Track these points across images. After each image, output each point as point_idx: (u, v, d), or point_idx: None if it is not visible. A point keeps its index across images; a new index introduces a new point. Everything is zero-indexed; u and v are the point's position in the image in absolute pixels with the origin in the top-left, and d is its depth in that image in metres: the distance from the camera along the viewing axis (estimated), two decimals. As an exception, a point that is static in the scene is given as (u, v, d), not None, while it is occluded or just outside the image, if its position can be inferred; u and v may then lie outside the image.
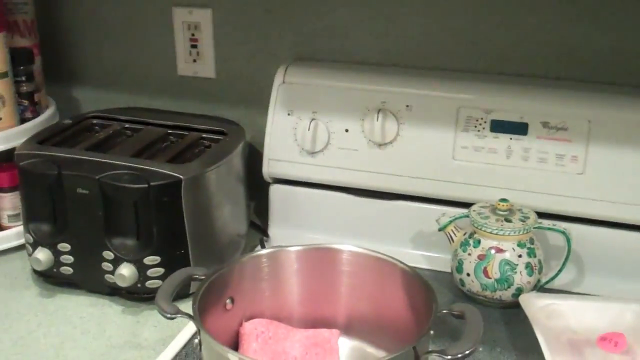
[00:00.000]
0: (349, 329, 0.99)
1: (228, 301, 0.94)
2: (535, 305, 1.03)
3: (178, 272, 0.93)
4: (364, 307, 0.98)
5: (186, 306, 0.86)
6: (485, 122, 1.15)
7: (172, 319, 0.85)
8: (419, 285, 0.91)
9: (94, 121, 1.30)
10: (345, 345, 0.98)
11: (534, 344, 0.98)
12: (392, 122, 1.18)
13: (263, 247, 1.23)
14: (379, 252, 0.96)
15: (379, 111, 1.18)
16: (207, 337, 0.81)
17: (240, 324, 0.96)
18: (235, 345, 0.95)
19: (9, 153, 1.22)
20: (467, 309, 0.85)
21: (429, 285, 0.89)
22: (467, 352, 0.79)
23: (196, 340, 0.85)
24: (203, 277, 0.91)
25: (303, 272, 0.99)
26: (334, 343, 0.96)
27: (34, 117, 1.31)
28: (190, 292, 1.10)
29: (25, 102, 1.31)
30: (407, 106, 1.18)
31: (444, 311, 0.86)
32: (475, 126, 1.15)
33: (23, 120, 1.30)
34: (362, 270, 0.97)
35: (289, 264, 0.99)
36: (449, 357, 0.78)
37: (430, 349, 0.81)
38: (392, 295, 0.95)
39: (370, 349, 0.97)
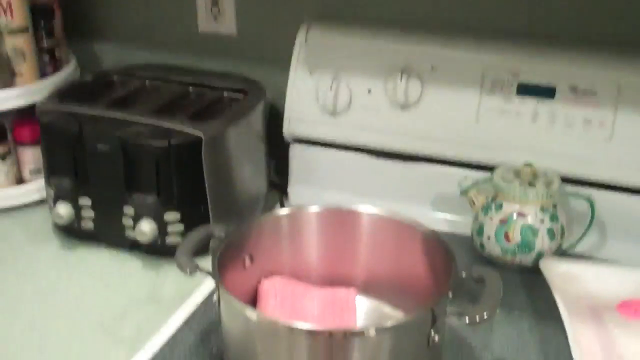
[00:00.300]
0: (367, 289, 0.99)
1: (247, 259, 0.94)
2: (555, 270, 1.02)
3: (198, 230, 0.93)
4: (382, 268, 0.97)
5: (205, 263, 0.86)
6: (511, 85, 1.13)
7: (191, 275, 0.85)
8: (439, 247, 0.90)
9: (115, 78, 1.30)
10: (363, 304, 0.98)
11: (553, 308, 0.98)
12: (416, 83, 1.17)
13: (283, 206, 1.23)
14: (399, 215, 0.95)
15: (402, 72, 1.16)
16: (226, 295, 0.81)
17: (259, 282, 0.96)
18: (253, 303, 0.95)
19: (30, 108, 1.22)
20: (487, 273, 0.85)
21: (449, 248, 0.89)
22: (485, 316, 0.78)
23: (215, 297, 0.85)
24: (223, 234, 0.91)
25: (322, 233, 0.99)
26: (352, 302, 0.96)
27: (54, 73, 1.31)
28: (210, 249, 1.10)
29: (46, 58, 1.30)
30: (432, 67, 1.16)
31: (464, 274, 0.85)
32: (502, 89, 1.13)
33: (43, 76, 1.30)
34: (382, 232, 0.96)
35: (308, 224, 0.98)
36: (468, 320, 0.78)
37: (448, 312, 0.81)
38: (412, 257, 0.94)
39: (388, 309, 0.97)
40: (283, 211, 0.98)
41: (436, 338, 0.80)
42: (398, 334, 0.78)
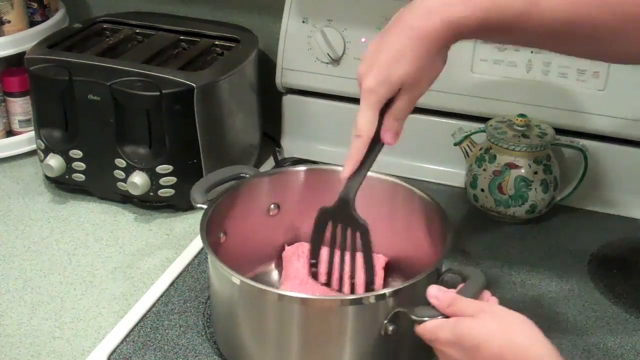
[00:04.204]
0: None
1: (272, 206, 0.94)
2: None
3: (227, 169, 0.92)
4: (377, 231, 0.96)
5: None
6: (505, 34, 1.12)
7: (199, 208, 0.85)
8: (436, 212, 0.88)
9: (104, 26, 1.28)
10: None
11: (546, 260, 0.99)
12: (410, 32, 1.15)
13: (276, 158, 1.22)
14: (394, 176, 0.94)
15: (396, 21, 1.14)
16: (212, 258, 0.80)
17: (285, 232, 0.95)
18: (277, 250, 0.95)
19: (19, 57, 1.20)
20: (472, 271, 0.78)
21: (444, 212, 0.87)
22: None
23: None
24: (252, 173, 0.91)
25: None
26: (379, 268, 0.93)
27: (43, 21, 1.28)
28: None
29: (35, 5, 1.28)
30: (426, 16, 1.14)
31: (448, 276, 0.80)
32: (496, 38, 1.12)
33: (32, 24, 1.27)
34: (377, 195, 0.93)
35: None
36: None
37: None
38: (407, 220, 0.92)
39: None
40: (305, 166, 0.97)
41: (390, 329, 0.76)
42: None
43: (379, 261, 0.94)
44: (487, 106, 1.14)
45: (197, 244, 1.03)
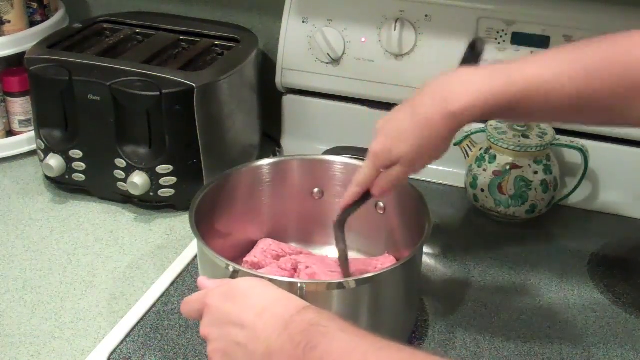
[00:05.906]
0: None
1: (316, 190, 0.98)
2: None
3: None
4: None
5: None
6: (506, 34, 1.12)
7: None
8: (413, 195, 0.90)
9: (105, 26, 1.28)
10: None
11: (545, 260, 0.98)
12: (410, 32, 1.15)
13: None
14: None
15: (396, 20, 1.14)
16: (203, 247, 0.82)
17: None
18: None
19: (19, 57, 1.20)
20: None
21: (423, 197, 0.90)
22: None
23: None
24: None
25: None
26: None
27: (43, 21, 1.29)
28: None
29: (35, 5, 1.28)
30: (426, 16, 1.14)
31: None
32: (496, 38, 1.12)
33: (32, 24, 1.27)
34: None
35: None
36: None
37: None
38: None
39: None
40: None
41: None
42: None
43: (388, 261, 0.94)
44: (487, 106, 1.14)
45: (196, 244, 1.03)
